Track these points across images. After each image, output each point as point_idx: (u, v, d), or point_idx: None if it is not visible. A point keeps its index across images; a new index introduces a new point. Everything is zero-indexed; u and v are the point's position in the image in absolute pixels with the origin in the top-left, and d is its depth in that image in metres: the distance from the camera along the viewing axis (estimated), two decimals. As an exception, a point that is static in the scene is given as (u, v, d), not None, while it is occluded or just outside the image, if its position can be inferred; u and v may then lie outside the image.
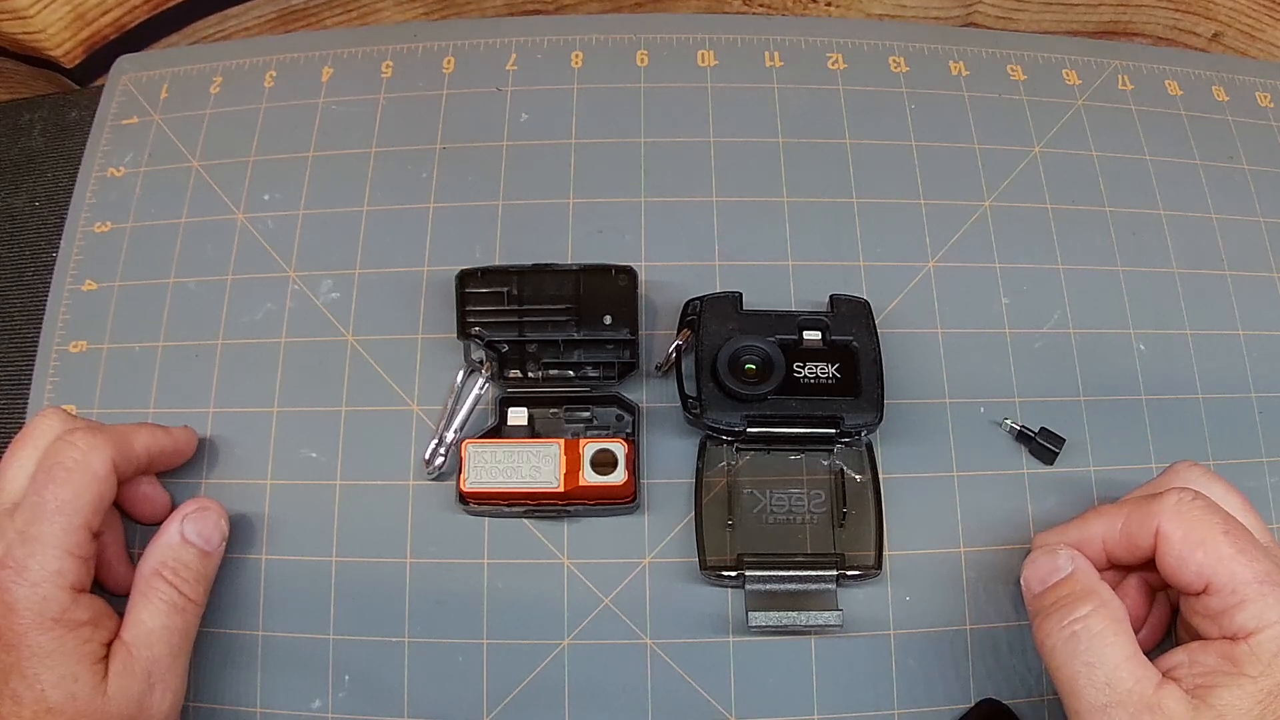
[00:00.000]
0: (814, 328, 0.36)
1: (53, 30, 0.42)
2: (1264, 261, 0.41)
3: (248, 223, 0.40)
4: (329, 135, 0.42)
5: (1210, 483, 0.32)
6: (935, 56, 0.44)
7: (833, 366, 0.35)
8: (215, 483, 0.37)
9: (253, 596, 0.35)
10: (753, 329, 0.35)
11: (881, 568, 0.34)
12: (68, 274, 0.40)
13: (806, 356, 0.35)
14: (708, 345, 0.35)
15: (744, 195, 0.40)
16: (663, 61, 0.43)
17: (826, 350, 0.35)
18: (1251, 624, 0.28)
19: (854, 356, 0.35)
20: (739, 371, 0.35)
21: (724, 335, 0.35)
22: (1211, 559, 0.29)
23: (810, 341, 0.36)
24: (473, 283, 0.36)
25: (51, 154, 0.44)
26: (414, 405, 0.37)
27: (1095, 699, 0.28)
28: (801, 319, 0.36)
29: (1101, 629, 0.28)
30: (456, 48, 0.43)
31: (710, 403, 0.34)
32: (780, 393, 0.34)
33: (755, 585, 0.33)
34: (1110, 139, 0.43)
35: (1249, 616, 0.28)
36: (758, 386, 0.34)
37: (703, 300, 0.36)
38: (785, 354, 0.35)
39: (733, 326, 0.35)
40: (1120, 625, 0.29)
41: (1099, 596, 0.29)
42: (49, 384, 0.38)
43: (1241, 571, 0.28)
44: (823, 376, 0.35)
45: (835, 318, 0.36)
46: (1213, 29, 0.47)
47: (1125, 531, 0.31)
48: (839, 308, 0.36)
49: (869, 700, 0.34)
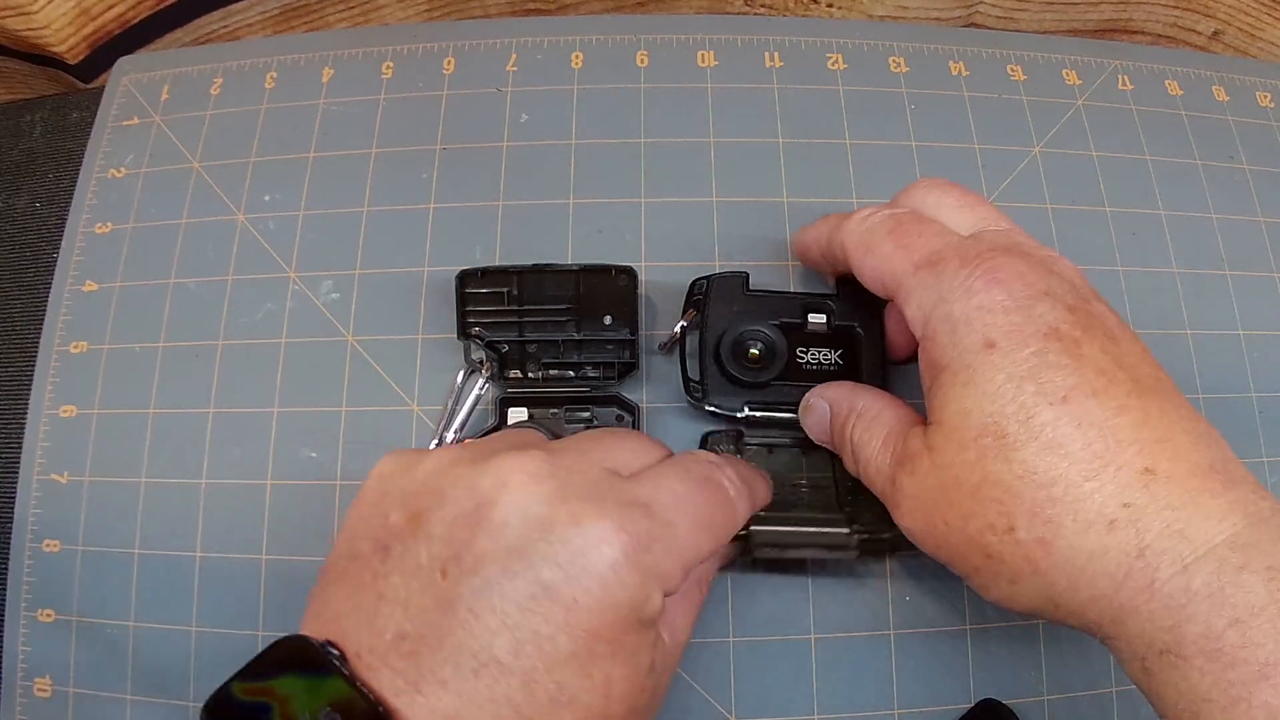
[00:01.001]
0: (819, 310, 0.35)
1: (57, 26, 0.42)
2: (1264, 261, 0.41)
3: (248, 223, 0.40)
4: (329, 136, 0.42)
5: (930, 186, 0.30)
6: (935, 56, 0.44)
7: (836, 353, 0.35)
8: (215, 483, 0.37)
9: (252, 597, 0.35)
10: (758, 311, 0.35)
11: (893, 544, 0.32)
12: (68, 274, 0.40)
13: (810, 341, 0.35)
14: (712, 327, 0.35)
15: (744, 195, 0.40)
16: (663, 62, 0.43)
17: (830, 336, 0.35)
18: (920, 315, 0.26)
19: (857, 343, 0.35)
20: (743, 357, 0.34)
21: (729, 317, 0.35)
22: (878, 260, 0.28)
23: (815, 325, 0.35)
24: (473, 283, 0.36)
25: (52, 155, 0.44)
26: (414, 405, 0.37)
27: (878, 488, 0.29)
28: (807, 301, 0.35)
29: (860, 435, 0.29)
30: (456, 48, 0.43)
31: (713, 387, 0.34)
32: (783, 379, 0.34)
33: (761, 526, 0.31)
34: (1110, 139, 0.42)
35: (916, 309, 0.27)
36: (760, 373, 0.34)
37: (710, 280, 0.35)
38: (789, 339, 0.35)
39: (738, 309, 0.35)
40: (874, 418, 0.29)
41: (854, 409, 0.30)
42: (49, 384, 0.38)
43: (900, 264, 0.27)
44: (825, 363, 0.35)
45: (841, 301, 0.35)
46: (1212, 26, 0.47)
47: (829, 242, 0.31)
48: (845, 290, 0.35)
49: (869, 700, 0.34)
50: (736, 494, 0.28)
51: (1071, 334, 0.25)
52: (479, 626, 0.22)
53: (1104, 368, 0.25)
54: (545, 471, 0.24)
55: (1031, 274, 0.26)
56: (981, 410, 0.25)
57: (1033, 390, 0.24)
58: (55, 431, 0.38)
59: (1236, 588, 0.22)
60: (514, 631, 0.22)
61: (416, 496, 0.24)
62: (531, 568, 0.22)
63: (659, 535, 0.24)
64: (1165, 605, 0.23)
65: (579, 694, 0.22)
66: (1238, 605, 0.22)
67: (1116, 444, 0.24)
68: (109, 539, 0.36)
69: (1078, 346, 0.25)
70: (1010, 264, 0.26)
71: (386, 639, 0.22)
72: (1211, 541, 0.23)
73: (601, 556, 0.23)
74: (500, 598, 0.22)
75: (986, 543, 0.25)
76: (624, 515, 0.23)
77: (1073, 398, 0.24)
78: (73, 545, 0.36)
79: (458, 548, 0.23)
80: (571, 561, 0.22)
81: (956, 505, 0.25)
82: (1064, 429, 0.24)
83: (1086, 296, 0.27)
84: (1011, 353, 0.25)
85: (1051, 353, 0.24)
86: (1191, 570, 0.23)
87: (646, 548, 0.23)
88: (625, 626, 0.23)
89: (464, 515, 0.23)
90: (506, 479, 0.24)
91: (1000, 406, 0.24)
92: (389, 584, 0.23)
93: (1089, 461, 0.24)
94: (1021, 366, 0.24)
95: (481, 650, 0.22)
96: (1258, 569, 0.22)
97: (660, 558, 0.24)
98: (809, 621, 0.35)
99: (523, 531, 0.23)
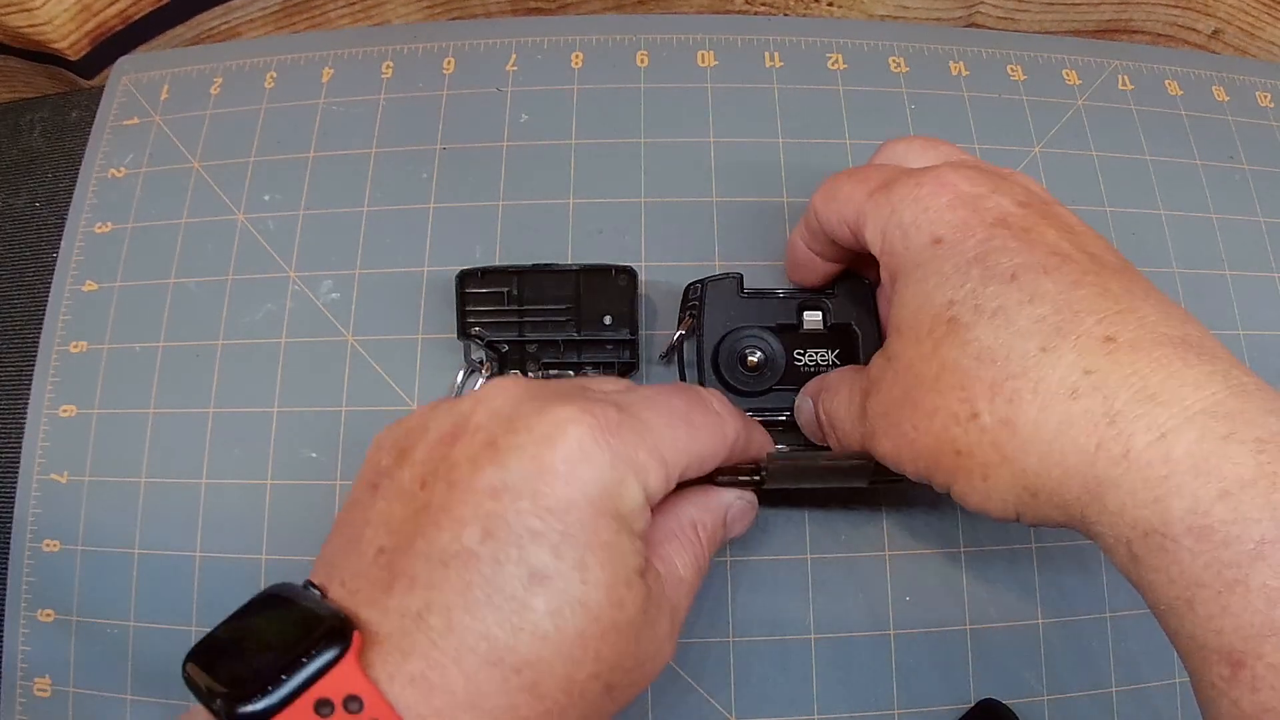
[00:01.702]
0: (815, 308, 0.35)
1: (59, 22, 0.42)
2: (1264, 261, 0.41)
3: (248, 223, 0.40)
4: (329, 136, 0.42)
5: (897, 141, 0.31)
6: (935, 56, 0.44)
7: (833, 353, 0.35)
8: (215, 483, 0.37)
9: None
10: (754, 315, 0.35)
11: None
12: (68, 274, 0.40)
13: (807, 343, 0.35)
14: (709, 334, 0.35)
15: (744, 195, 0.40)
16: (663, 61, 0.43)
17: (827, 335, 0.35)
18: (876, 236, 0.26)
19: (854, 341, 0.35)
20: (741, 365, 0.34)
21: (725, 322, 0.35)
22: (840, 203, 0.28)
23: (811, 324, 0.35)
24: (473, 283, 0.36)
25: (52, 154, 0.44)
26: (414, 405, 0.37)
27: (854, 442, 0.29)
28: (803, 301, 0.35)
29: (830, 408, 0.30)
30: (456, 48, 0.43)
31: None
32: (782, 383, 0.34)
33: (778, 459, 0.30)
34: (1110, 139, 0.42)
35: (872, 231, 0.27)
36: (760, 380, 0.34)
37: (704, 284, 0.35)
38: (785, 343, 0.35)
39: (734, 313, 0.35)
40: (835, 386, 0.30)
41: (823, 388, 0.31)
42: (49, 384, 0.38)
43: (858, 194, 0.27)
44: (823, 364, 0.35)
45: (837, 299, 0.35)
46: (1212, 25, 0.47)
47: (806, 228, 0.32)
48: (841, 287, 0.35)
49: (869, 700, 0.34)
50: (721, 408, 0.28)
51: (1022, 223, 0.25)
52: (448, 520, 0.22)
53: (1058, 249, 0.24)
54: (520, 383, 0.25)
55: (980, 177, 0.26)
56: (931, 301, 0.24)
57: (979, 273, 0.24)
58: (55, 431, 0.38)
59: (1223, 458, 0.20)
60: (483, 520, 0.22)
61: (405, 436, 0.25)
62: (499, 455, 0.23)
63: (629, 424, 0.24)
64: (1144, 477, 0.21)
65: (551, 574, 0.22)
66: (1225, 477, 0.20)
67: (1073, 314, 0.23)
68: (109, 539, 0.36)
69: (1028, 233, 0.24)
70: (959, 171, 0.26)
71: (368, 558, 0.23)
72: (1190, 409, 0.21)
73: (566, 435, 0.23)
74: (468, 490, 0.22)
75: (953, 436, 0.24)
76: (591, 404, 0.24)
77: (1021, 274, 0.24)
78: (72, 545, 0.36)
79: (436, 462, 0.24)
80: (537, 444, 0.23)
81: (920, 404, 0.25)
82: (1012, 302, 0.23)
83: (1044, 199, 0.26)
84: (958, 244, 0.24)
85: (998, 238, 0.24)
86: (1170, 438, 0.21)
87: (614, 431, 0.23)
88: (597, 510, 0.23)
89: (444, 434, 0.24)
90: (483, 395, 0.25)
91: (949, 294, 0.24)
92: (374, 511, 0.24)
93: (1044, 335, 0.23)
94: (969, 254, 0.24)
95: (451, 542, 0.22)
96: (1245, 439, 0.20)
97: (632, 443, 0.23)
98: (809, 621, 0.35)
99: (491, 428, 0.23)
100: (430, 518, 0.23)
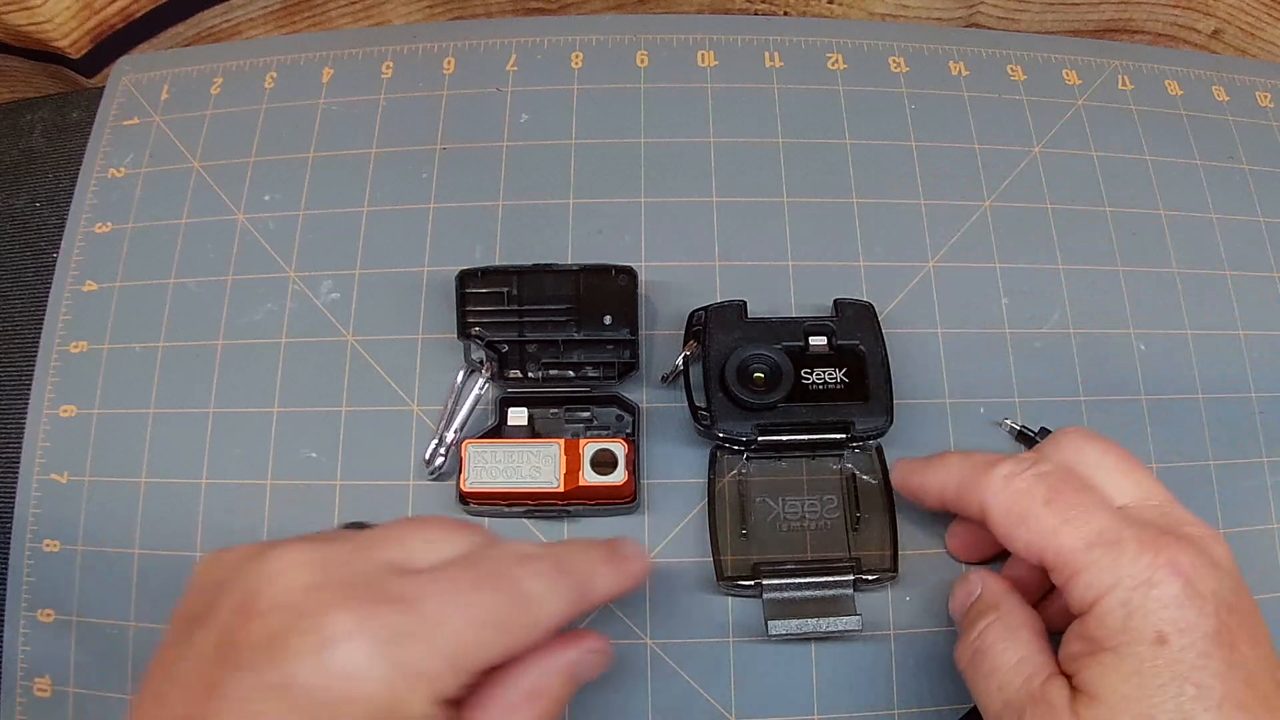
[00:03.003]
0: (819, 333, 0.36)
1: (60, 20, 0.42)
2: (1264, 261, 0.41)
3: (248, 223, 0.40)
4: (329, 136, 0.42)
5: (1084, 443, 0.30)
6: (935, 56, 0.44)
7: (840, 372, 0.35)
8: (215, 483, 0.37)
9: (253, 596, 0.35)
10: (759, 337, 0.35)
11: (897, 570, 0.34)
12: (68, 274, 0.40)
13: (814, 362, 0.35)
14: (715, 355, 0.35)
15: (744, 195, 0.40)
16: (663, 61, 0.43)
17: (833, 355, 0.36)
18: (1090, 594, 0.26)
19: (861, 360, 0.35)
20: (748, 381, 0.35)
21: (730, 344, 0.35)
22: (1035, 534, 0.28)
23: (816, 347, 0.36)
24: (473, 283, 0.36)
25: (52, 155, 0.44)
26: (414, 405, 0.37)
27: (992, 705, 0.28)
28: (807, 324, 0.36)
29: (994, 639, 0.29)
30: (456, 48, 0.43)
31: (720, 413, 0.34)
32: (790, 400, 0.34)
33: (773, 594, 0.33)
34: (1110, 139, 0.42)
35: (1085, 586, 0.26)
36: (767, 395, 0.34)
37: (707, 310, 0.36)
38: (793, 361, 0.35)
39: (738, 335, 0.35)
40: (1014, 631, 0.29)
41: (998, 609, 0.29)
42: (49, 384, 0.38)
43: (1068, 540, 0.27)
44: (831, 382, 0.35)
45: (840, 322, 0.36)
46: (1212, 25, 0.47)
47: (959, 495, 0.30)
48: (843, 311, 0.36)
49: (869, 701, 0.34)
50: (546, 589, 0.26)
51: (1230, 637, 0.26)
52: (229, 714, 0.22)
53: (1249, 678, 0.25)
54: (313, 561, 0.24)
55: (1204, 568, 0.26)
56: (1141, 701, 0.25)
57: (1192, 694, 0.25)
58: (55, 431, 0.38)
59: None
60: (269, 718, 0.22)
61: (215, 586, 0.25)
62: (281, 656, 0.22)
63: (416, 631, 0.23)
64: None
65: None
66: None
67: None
68: (109, 539, 0.36)
69: (1232, 652, 0.26)
70: (1185, 556, 0.26)
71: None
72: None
73: (344, 649, 0.22)
74: (251, 687, 0.22)
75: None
76: (375, 608, 0.23)
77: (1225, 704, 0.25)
78: (72, 545, 0.36)
79: (232, 634, 0.23)
80: (316, 651, 0.22)
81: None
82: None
83: (1239, 589, 0.27)
84: (1181, 651, 0.25)
85: (1214, 658, 0.25)
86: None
87: (399, 642, 0.23)
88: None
89: (239, 604, 0.24)
90: (275, 568, 0.24)
91: (1161, 702, 0.25)
92: (178, 669, 0.24)
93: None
94: (1185, 666, 0.25)
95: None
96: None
97: (420, 654, 0.23)
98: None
99: (278, 621, 0.23)
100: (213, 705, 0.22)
